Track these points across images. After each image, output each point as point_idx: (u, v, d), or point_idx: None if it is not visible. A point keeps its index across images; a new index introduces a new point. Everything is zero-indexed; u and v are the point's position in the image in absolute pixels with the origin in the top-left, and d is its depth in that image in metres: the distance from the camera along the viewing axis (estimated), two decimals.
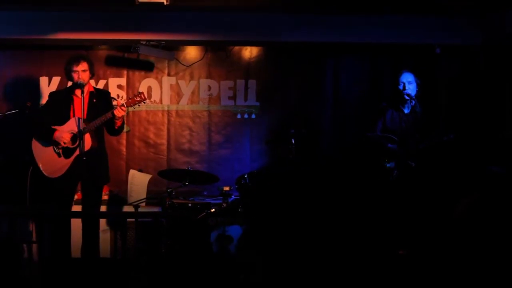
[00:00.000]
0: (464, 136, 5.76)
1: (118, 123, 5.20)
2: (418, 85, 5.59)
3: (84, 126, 5.00)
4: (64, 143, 5.10)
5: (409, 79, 5.56)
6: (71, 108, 5.21)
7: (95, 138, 5.14)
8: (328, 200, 5.73)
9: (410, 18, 6.26)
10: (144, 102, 5.20)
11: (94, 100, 5.24)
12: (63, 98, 5.29)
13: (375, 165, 5.59)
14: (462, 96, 6.54)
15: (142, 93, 5.19)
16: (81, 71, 5.14)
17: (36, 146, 5.25)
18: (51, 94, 5.46)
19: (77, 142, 5.05)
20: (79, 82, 5.09)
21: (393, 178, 5.42)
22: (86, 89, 5.15)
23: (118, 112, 5.07)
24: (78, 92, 5.14)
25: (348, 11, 6.16)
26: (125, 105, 5.10)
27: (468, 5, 5.85)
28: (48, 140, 5.16)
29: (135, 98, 5.15)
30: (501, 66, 6.17)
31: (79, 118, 5.05)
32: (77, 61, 5.16)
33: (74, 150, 5.10)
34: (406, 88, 5.54)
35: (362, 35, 6.32)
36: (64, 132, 5.14)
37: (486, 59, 6.38)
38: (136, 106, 5.20)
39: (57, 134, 5.13)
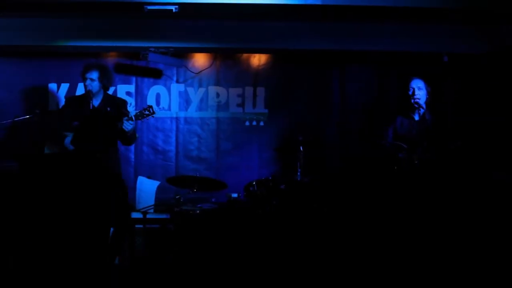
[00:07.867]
0: (472, 143, 5.74)
1: (128, 134, 5.26)
2: (428, 93, 5.53)
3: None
4: None
5: (419, 85, 5.50)
6: (83, 114, 5.26)
7: (105, 144, 5.19)
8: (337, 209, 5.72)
9: (417, 27, 6.26)
10: (153, 116, 5.26)
11: (108, 108, 5.30)
12: (76, 103, 5.37)
13: (385, 173, 5.57)
14: (470, 103, 6.52)
15: (151, 106, 5.23)
16: (89, 79, 5.28)
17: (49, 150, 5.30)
18: (67, 99, 5.60)
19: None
20: (88, 89, 5.20)
21: (402, 186, 5.40)
22: (100, 96, 5.28)
23: (125, 126, 5.15)
24: (90, 98, 5.24)
25: (355, 19, 6.17)
26: (133, 118, 5.16)
27: (475, 15, 5.87)
28: (60, 146, 5.21)
29: (143, 111, 5.21)
30: (508, 74, 6.17)
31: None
32: (88, 69, 5.27)
33: None
34: (416, 93, 5.47)
35: (369, 43, 6.34)
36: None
37: (493, 67, 6.37)
38: (145, 119, 5.27)
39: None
